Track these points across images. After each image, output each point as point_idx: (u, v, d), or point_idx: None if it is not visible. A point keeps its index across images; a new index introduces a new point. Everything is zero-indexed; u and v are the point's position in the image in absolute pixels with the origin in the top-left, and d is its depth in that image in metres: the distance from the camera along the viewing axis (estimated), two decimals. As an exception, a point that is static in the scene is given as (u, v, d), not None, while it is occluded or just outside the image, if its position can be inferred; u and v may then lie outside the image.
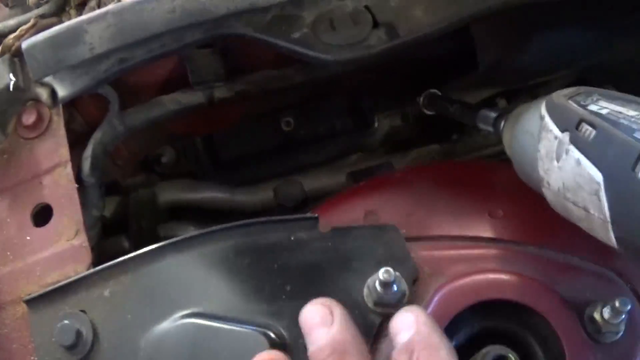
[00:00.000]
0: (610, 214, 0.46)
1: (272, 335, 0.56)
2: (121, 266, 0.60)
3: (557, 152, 0.51)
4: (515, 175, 0.59)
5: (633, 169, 0.44)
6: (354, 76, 0.80)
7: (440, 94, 0.81)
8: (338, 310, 0.52)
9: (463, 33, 0.70)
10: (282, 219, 0.61)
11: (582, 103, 0.51)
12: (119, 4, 0.64)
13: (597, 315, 0.56)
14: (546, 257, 0.60)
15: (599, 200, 0.47)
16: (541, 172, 0.53)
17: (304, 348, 0.52)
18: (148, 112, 0.68)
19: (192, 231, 0.76)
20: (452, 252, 0.60)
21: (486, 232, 0.62)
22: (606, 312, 0.56)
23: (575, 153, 0.49)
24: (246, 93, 0.69)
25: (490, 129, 0.66)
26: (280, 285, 0.58)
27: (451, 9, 0.64)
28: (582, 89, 0.53)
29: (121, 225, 0.79)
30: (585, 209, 0.49)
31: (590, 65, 0.78)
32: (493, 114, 0.66)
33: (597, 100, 0.51)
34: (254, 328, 0.56)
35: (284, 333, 0.56)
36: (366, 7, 0.64)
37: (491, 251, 0.61)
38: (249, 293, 0.58)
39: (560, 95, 0.53)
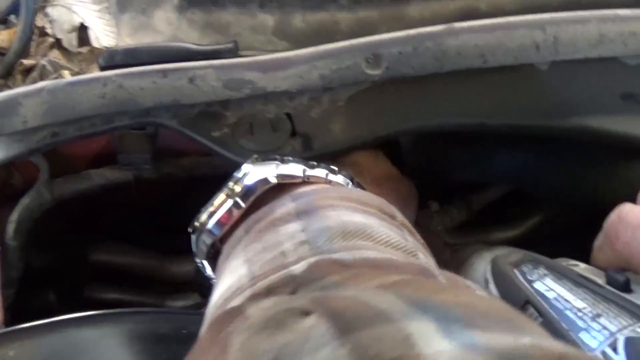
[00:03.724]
0: None
1: None
2: (27, 331, 0.63)
3: None
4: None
5: None
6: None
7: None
8: None
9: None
10: (176, 312, 0.64)
11: (528, 277, 0.47)
12: (55, 81, 0.67)
13: None
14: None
15: None
16: None
17: None
18: (76, 184, 0.70)
19: (112, 295, 0.80)
20: None
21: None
22: None
23: None
24: (173, 176, 0.71)
25: None
26: (166, 376, 0.60)
27: (368, 128, 0.65)
28: (529, 256, 0.49)
29: (52, 279, 0.82)
30: None
31: (531, 183, 0.77)
32: None
33: (544, 276, 0.46)
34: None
35: None
36: (287, 114, 0.65)
37: None
38: (136, 380, 0.60)
39: (506, 262, 0.49)
